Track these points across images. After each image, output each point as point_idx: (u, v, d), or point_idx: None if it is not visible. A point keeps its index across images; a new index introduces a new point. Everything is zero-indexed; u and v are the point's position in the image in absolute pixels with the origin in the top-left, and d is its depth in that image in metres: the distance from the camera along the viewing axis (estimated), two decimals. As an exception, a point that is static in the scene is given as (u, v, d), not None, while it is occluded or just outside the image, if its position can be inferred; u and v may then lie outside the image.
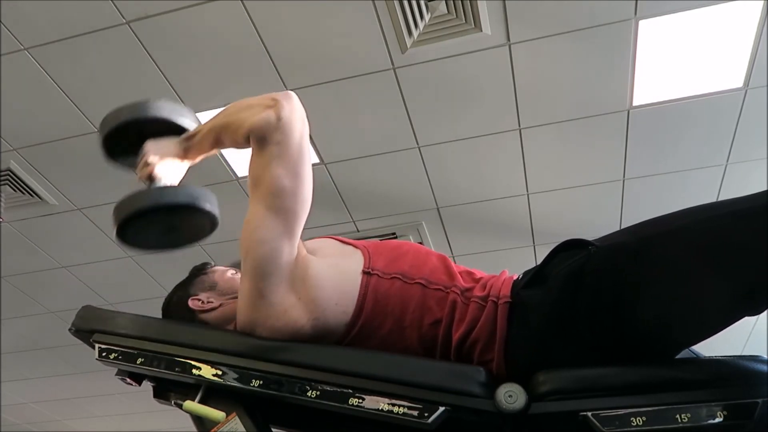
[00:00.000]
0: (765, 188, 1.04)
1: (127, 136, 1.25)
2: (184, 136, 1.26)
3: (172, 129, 1.27)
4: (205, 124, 1.23)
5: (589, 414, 0.96)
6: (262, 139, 1.11)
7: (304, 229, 1.16)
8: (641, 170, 3.10)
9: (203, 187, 1.24)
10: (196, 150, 1.25)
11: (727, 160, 3.01)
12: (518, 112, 2.80)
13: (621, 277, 1.04)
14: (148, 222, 1.20)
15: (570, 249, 1.10)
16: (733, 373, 1.02)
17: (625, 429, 0.95)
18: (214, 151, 1.26)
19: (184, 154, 1.25)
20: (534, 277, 1.11)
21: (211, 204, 1.23)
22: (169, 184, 1.24)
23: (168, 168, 1.24)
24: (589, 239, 1.09)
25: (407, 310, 1.14)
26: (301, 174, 1.13)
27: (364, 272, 1.17)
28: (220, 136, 1.19)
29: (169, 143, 1.25)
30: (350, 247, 1.25)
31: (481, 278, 1.19)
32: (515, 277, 1.17)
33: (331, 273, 1.16)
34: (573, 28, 2.44)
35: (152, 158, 1.22)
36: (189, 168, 1.30)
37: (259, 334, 1.14)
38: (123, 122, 1.24)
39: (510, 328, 1.08)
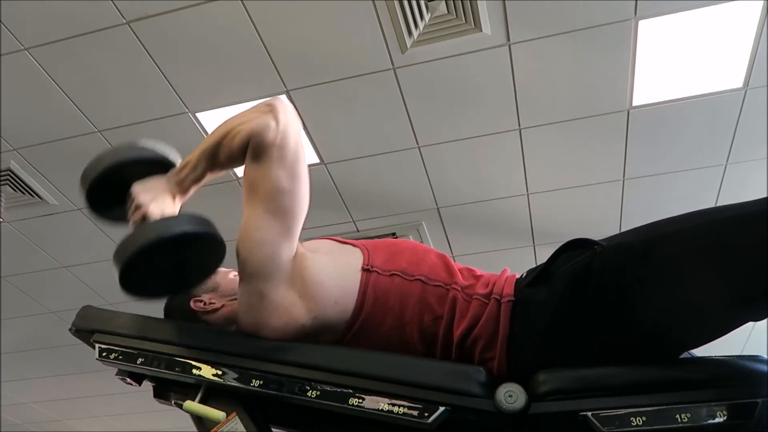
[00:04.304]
0: (765, 188, 1.05)
1: (111, 187, 1.16)
2: (173, 170, 1.19)
3: (157, 167, 1.19)
4: (194, 151, 1.17)
5: (589, 414, 0.96)
6: (262, 143, 1.10)
7: (304, 228, 1.16)
8: (641, 170, 3.09)
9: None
10: (190, 180, 1.17)
11: (727, 160, 3.00)
12: (518, 112, 2.80)
13: (625, 277, 1.04)
14: (154, 260, 1.07)
15: (575, 248, 1.10)
16: (733, 373, 1.02)
17: (625, 429, 0.95)
18: (206, 179, 1.19)
19: (177, 188, 1.18)
20: (538, 276, 1.11)
21: (215, 228, 1.13)
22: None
23: (162, 205, 1.14)
24: (595, 239, 1.09)
25: (407, 306, 1.14)
26: (299, 175, 1.14)
27: (364, 269, 1.17)
28: (215, 153, 1.14)
29: (158, 180, 1.17)
30: (348, 246, 1.25)
31: (481, 276, 1.19)
32: (518, 276, 1.17)
33: (330, 270, 1.17)
34: (573, 28, 2.44)
35: (143, 198, 1.14)
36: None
37: (262, 334, 1.14)
38: (103, 171, 1.15)
39: (513, 326, 1.08)
